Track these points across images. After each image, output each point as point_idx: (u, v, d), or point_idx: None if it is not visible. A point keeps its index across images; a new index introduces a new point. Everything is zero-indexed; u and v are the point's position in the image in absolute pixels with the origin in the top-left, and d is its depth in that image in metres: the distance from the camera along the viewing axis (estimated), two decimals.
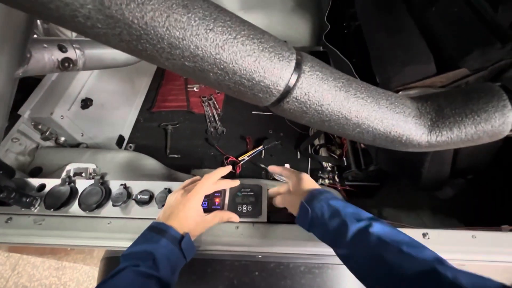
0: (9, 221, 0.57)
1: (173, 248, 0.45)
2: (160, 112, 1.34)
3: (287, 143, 1.20)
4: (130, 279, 0.40)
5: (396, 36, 0.67)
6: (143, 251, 0.43)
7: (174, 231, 0.46)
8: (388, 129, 0.26)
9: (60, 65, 0.42)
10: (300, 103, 0.24)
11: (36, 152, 0.82)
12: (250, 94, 0.23)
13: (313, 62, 0.24)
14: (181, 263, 0.47)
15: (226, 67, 0.21)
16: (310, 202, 0.46)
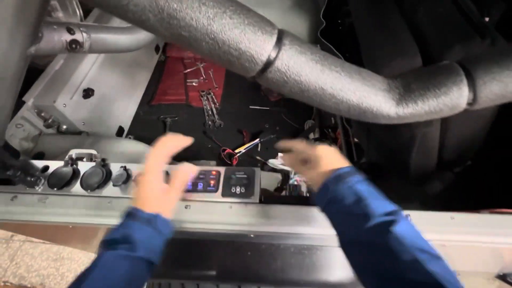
0: (14, 199, 0.60)
1: (145, 229, 0.45)
2: (159, 105, 1.37)
3: (283, 137, 1.24)
4: (109, 262, 0.41)
5: (385, 32, 0.70)
6: (119, 235, 0.44)
7: (143, 213, 0.46)
8: (360, 100, 0.29)
9: (68, 46, 0.46)
10: (281, 73, 0.27)
11: (39, 138, 0.85)
12: (238, 64, 0.26)
13: (292, 37, 0.28)
14: (159, 241, 0.47)
15: (216, 37, 0.24)
16: (333, 183, 0.43)
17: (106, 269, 0.41)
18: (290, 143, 0.54)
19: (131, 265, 0.43)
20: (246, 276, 0.68)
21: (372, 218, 0.38)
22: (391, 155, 0.83)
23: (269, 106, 1.34)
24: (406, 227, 0.37)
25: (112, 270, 0.42)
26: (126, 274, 0.42)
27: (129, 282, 0.42)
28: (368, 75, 0.30)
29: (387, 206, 0.40)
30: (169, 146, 0.53)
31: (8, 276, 1.67)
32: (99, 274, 0.41)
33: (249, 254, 0.65)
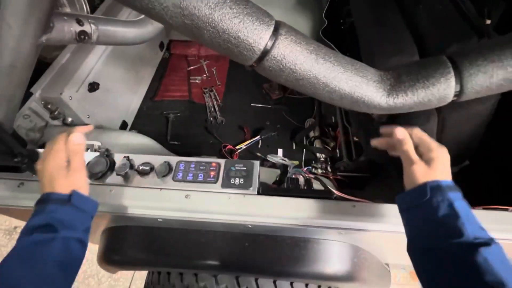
0: (21, 185, 0.62)
1: (63, 208, 0.44)
2: (162, 101, 1.39)
3: (283, 134, 1.25)
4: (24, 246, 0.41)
5: (384, 31, 0.72)
6: (35, 221, 0.43)
7: (56, 194, 0.45)
8: (352, 90, 0.31)
9: (77, 36, 0.47)
10: (278, 62, 0.29)
11: (45, 129, 0.87)
12: (237, 52, 0.28)
13: (288, 28, 0.29)
14: (83, 218, 0.47)
15: (217, 25, 0.26)
16: (433, 190, 0.41)
17: (22, 256, 0.40)
18: (409, 129, 0.48)
19: (56, 246, 0.41)
20: (243, 267, 0.70)
21: (465, 236, 0.37)
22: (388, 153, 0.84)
23: (270, 104, 1.36)
24: (498, 252, 0.37)
25: (31, 255, 0.40)
26: (50, 256, 0.41)
27: (59, 264, 0.41)
28: (361, 66, 0.32)
29: (483, 232, 0.40)
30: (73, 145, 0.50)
31: None
32: (15, 262, 0.39)
33: (247, 245, 0.67)
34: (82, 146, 0.51)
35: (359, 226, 0.56)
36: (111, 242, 0.74)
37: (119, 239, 0.72)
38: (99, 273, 1.67)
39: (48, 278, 0.41)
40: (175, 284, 0.86)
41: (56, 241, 0.42)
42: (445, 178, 0.43)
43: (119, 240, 0.72)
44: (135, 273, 1.65)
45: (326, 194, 0.59)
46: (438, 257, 0.40)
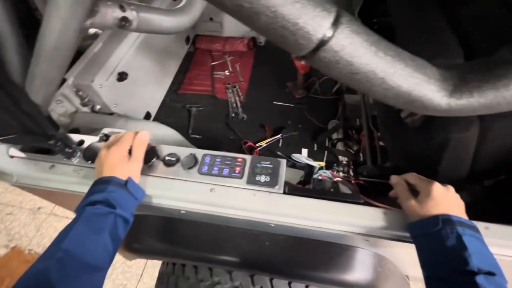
0: (53, 168, 0.64)
1: (120, 190, 0.51)
2: (185, 94, 1.40)
3: (305, 135, 1.23)
4: (91, 215, 0.47)
5: (426, 32, 0.68)
6: (96, 196, 0.49)
7: (115, 178, 0.52)
8: (411, 88, 0.29)
9: (119, 22, 0.48)
10: (334, 53, 0.27)
11: (75, 115, 0.90)
12: (292, 40, 0.27)
13: (350, 17, 0.27)
14: (133, 203, 0.54)
15: (277, 10, 0.24)
16: (444, 222, 0.46)
17: (88, 221, 0.47)
18: (404, 176, 0.59)
19: (111, 220, 0.48)
20: (261, 266, 0.68)
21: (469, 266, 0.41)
22: (418, 160, 0.80)
23: (293, 103, 1.33)
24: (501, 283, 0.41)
25: (95, 222, 0.47)
26: (107, 226, 0.48)
27: (110, 235, 0.48)
28: (422, 62, 0.30)
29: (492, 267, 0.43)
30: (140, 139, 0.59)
31: (33, 245, 1.79)
32: (82, 226, 0.46)
33: (267, 244, 0.65)
34: (146, 142, 0.60)
35: (389, 234, 0.53)
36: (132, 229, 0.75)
37: (139, 228, 0.73)
38: None
39: (105, 244, 0.47)
40: (189, 276, 0.86)
41: (112, 215, 0.49)
42: (453, 212, 0.48)
43: (139, 228, 0.73)
44: (147, 261, 1.69)
45: (355, 199, 0.57)
46: (445, 285, 0.44)
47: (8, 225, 1.86)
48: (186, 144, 0.94)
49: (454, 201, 0.51)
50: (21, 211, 1.93)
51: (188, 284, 0.86)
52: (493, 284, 0.40)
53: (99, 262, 0.46)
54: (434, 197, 0.49)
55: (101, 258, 0.47)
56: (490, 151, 0.67)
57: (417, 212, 0.50)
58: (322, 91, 1.35)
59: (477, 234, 0.46)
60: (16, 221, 1.88)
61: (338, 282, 0.64)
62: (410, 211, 0.52)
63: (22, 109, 0.55)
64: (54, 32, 0.38)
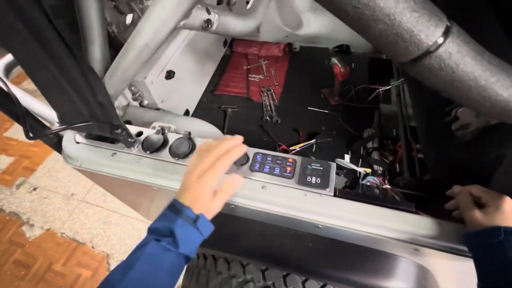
0: (114, 155, 0.69)
1: (189, 227, 0.47)
2: (221, 95, 1.45)
3: (339, 142, 1.23)
4: (154, 250, 0.44)
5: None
6: (163, 227, 0.47)
7: (189, 211, 0.48)
8: (510, 98, 0.29)
9: (204, 24, 0.52)
10: (440, 61, 0.28)
11: (127, 108, 0.96)
12: (403, 47, 0.28)
13: (460, 28, 0.29)
14: (198, 240, 0.49)
15: (396, 18, 0.26)
16: (507, 233, 0.46)
17: (151, 259, 0.44)
18: (468, 187, 0.58)
19: (174, 259, 0.46)
20: (300, 266, 0.69)
21: None
22: (466, 175, 0.78)
23: (327, 109, 1.34)
24: None
25: (157, 261, 0.45)
26: (169, 266, 0.45)
27: (171, 274, 0.46)
28: None
29: None
30: (236, 156, 0.55)
31: (65, 228, 1.89)
32: (145, 263, 0.44)
33: (310, 245, 0.67)
34: (236, 189, 0.55)
35: (443, 246, 0.53)
36: None
37: None
38: None
39: (162, 283, 0.46)
40: (221, 271, 0.88)
41: (175, 254, 0.46)
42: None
43: None
44: None
45: (407, 207, 0.57)
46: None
47: (44, 208, 1.98)
48: None
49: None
50: (56, 195, 2.05)
51: (219, 279, 0.88)
52: None
53: None
54: (504, 211, 0.49)
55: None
56: None
57: (482, 223, 0.49)
58: (357, 99, 1.34)
59: None
60: (51, 204, 2.00)
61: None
62: (473, 223, 0.51)
63: (97, 99, 0.60)
64: (150, 30, 0.42)
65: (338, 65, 1.19)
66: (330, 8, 0.28)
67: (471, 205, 0.53)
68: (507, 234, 0.46)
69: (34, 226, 1.91)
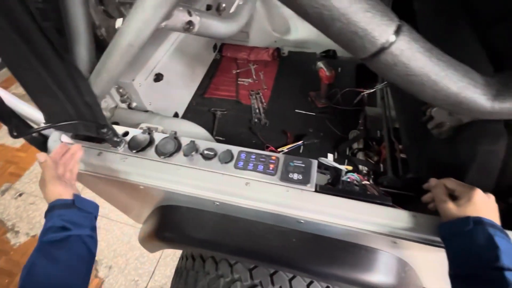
0: (100, 154, 0.70)
1: (70, 211, 0.52)
2: (211, 98, 1.46)
3: (326, 143, 1.26)
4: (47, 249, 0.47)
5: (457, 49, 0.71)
6: (50, 226, 0.50)
7: (60, 201, 0.53)
8: (459, 90, 0.32)
9: (185, 25, 0.54)
10: (394, 57, 0.31)
11: (115, 110, 0.96)
12: (359, 43, 0.31)
13: (410, 27, 0.32)
14: (89, 218, 0.55)
15: (352, 17, 0.29)
16: (476, 223, 0.48)
17: (42, 252, 0.47)
18: (443, 180, 0.61)
19: (73, 241, 0.48)
20: (285, 262, 0.71)
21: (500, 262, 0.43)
22: (444, 171, 0.81)
23: (315, 111, 1.37)
24: None
25: (51, 251, 0.47)
26: (67, 250, 0.48)
27: (78, 257, 0.49)
28: (468, 68, 0.33)
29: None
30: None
31: None
32: (37, 259, 0.46)
33: (294, 240, 0.68)
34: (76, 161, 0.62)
35: (418, 237, 0.55)
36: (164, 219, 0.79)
37: (172, 218, 0.77)
38: (127, 254, 1.75)
39: (71, 269, 0.48)
40: (209, 271, 0.89)
41: (72, 238, 0.49)
42: (488, 216, 0.50)
43: (172, 218, 0.77)
44: (160, 259, 1.72)
45: (385, 200, 0.59)
46: (474, 282, 0.45)
47: (30, 214, 1.94)
48: None
49: (492, 208, 0.53)
50: (43, 201, 2.01)
51: (207, 279, 0.89)
52: None
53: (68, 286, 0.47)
54: (475, 202, 0.51)
55: (70, 282, 0.47)
56: None
57: (454, 214, 0.52)
58: (343, 102, 1.38)
59: (507, 237, 0.48)
60: (38, 211, 1.96)
61: (362, 283, 0.65)
62: (446, 214, 0.53)
63: (84, 99, 0.61)
64: (133, 30, 0.44)
65: (323, 69, 1.23)
66: (293, 8, 0.31)
67: (445, 197, 0.56)
68: (476, 223, 0.49)
69: (19, 233, 1.86)
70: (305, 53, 1.66)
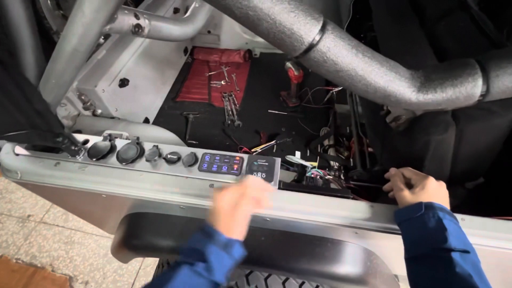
0: (58, 165, 0.67)
1: (223, 255, 0.46)
2: (183, 102, 1.45)
3: (298, 141, 1.28)
4: (187, 275, 0.44)
5: (406, 44, 0.75)
6: (196, 249, 0.46)
7: (222, 237, 0.47)
8: (386, 84, 0.34)
9: (133, 29, 0.53)
10: (322, 54, 0.32)
11: (77, 118, 0.93)
12: (288, 42, 0.32)
13: (334, 25, 0.33)
14: (230, 265, 0.48)
15: (276, 17, 0.30)
16: (427, 208, 0.51)
17: (184, 283, 0.44)
18: (401, 169, 0.65)
19: (205, 285, 0.45)
20: (257, 261, 0.71)
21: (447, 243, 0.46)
22: (405, 163, 0.85)
23: (286, 111, 1.40)
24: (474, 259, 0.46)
25: (191, 284, 0.44)
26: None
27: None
28: (394, 64, 0.35)
29: (467, 247, 0.47)
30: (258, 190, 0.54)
31: (20, 254, 1.74)
32: (178, 284, 0.43)
33: (263, 239, 0.69)
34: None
35: (377, 226, 0.58)
36: (130, 227, 0.77)
37: (138, 225, 0.75)
38: (104, 267, 1.69)
39: None
40: None
41: (209, 281, 0.45)
42: (439, 202, 0.53)
43: (138, 225, 0.75)
44: (139, 270, 1.67)
45: (345, 193, 0.61)
46: (424, 262, 0.49)
47: None
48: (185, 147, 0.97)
49: (443, 195, 0.56)
50: (9, 219, 1.89)
51: None
52: (467, 260, 0.44)
53: None
54: (428, 190, 0.54)
55: None
56: (467, 152, 0.73)
57: (408, 201, 0.55)
58: (314, 101, 1.42)
59: (455, 220, 0.52)
60: (4, 229, 1.84)
61: (330, 275, 0.67)
62: (402, 201, 0.56)
63: (34, 107, 0.58)
64: (76, 35, 0.43)
65: (292, 68, 1.26)
66: (220, 9, 0.31)
67: (402, 186, 0.59)
68: (427, 208, 0.52)
69: None
70: (276, 54, 1.68)
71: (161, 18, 0.59)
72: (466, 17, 0.72)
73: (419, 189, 0.56)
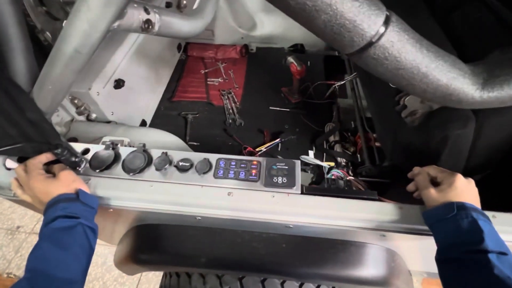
0: None
1: (76, 204, 0.52)
2: (180, 102, 1.38)
3: (303, 138, 1.25)
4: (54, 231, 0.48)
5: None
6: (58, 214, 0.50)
7: (65, 195, 0.52)
8: (449, 82, 0.31)
9: (143, 25, 0.47)
10: (384, 50, 0.29)
11: (71, 124, 0.86)
12: (348, 37, 0.28)
13: (398, 16, 0.29)
14: (91, 213, 0.54)
15: (338, 8, 0.26)
16: (459, 208, 0.49)
17: (52, 237, 0.47)
18: (425, 168, 0.61)
19: (80, 230, 0.49)
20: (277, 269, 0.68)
21: (484, 244, 0.44)
22: (418, 158, 0.84)
23: (289, 107, 1.36)
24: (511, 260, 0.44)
25: (60, 237, 0.47)
26: (76, 238, 0.49)
27: (80, 246, 0.49)
28: (456, 58, 0.32)
29: (503, 248, 0.46)
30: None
31: (12, 268, 1.64)
32: (46, 243, 0.47)
33: (284, 246, 0.65)
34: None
35: (407, 228, 0.55)
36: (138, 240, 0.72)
37: (148, 238, 0.70)
38: (104, 276, 1.62)
39: (76, 257, 0.48)
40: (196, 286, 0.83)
41: (79, 226, 0.49)
42: (470, 201, 0.51)
43: (148, 238, 0.70)
44: (141, 277, 1.61)
45: (370, 195, 0.59)
46: (459, 264, 0.47)
47: None
48: (189, 150, 0.92)
49: (473, 193, 0.54)
50: None
51: None
52: (506, 262, 0.43)
53: (71, 275, 0.46)
54: (456, 187, 0.52)
55: (73, 270, 0.47)
56: (485, 146, 0.72)
57: (436, 200, 0.52)
58: (316, 96, 1.38)
59: (488, 220, 0.50)
60: None
61: (354, 279, 0.64)
62: (429, 200, 0.54)
63: (26, 116, 0.52)
64: (78, 33, 0.37)
65: (294, 63, 1.21)
66: (274, 2, 0.27)
67: (428, 184, 0.57)
68: (459, 209, 0.50)
69: None
70: (273, 49, 1.63)
71: (170, 12, 0.54)
72: (481, 6, 0.69)
73: (446, 186, 0.54)
